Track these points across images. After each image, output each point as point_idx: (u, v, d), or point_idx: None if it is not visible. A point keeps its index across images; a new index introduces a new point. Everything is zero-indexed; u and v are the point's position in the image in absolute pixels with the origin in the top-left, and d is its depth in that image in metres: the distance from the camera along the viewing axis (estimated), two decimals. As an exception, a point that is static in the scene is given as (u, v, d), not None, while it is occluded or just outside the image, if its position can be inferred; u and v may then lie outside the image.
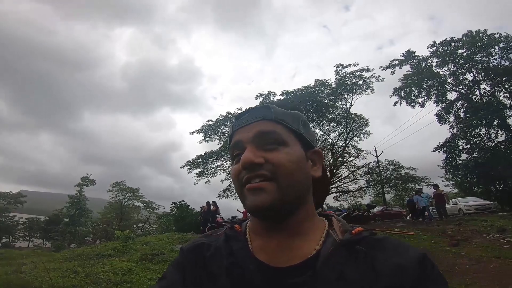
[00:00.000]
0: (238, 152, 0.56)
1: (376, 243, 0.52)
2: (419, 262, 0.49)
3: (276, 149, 0.53)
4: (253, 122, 0.57)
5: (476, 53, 18.08)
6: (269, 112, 0.57)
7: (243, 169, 0.53)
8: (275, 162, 0.52)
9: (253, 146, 0.54)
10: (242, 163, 0.52)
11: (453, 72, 18.89)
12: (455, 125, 19.13)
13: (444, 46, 19.05)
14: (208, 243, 0.59)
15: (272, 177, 0.51)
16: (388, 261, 0.49)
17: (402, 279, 0.47)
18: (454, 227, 10.04)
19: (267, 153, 0.53)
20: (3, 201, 36.17)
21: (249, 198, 0.52)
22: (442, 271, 2.36)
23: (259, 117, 0.57)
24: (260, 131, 0.55)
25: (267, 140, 0.54)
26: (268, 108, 0.58)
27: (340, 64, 18.45)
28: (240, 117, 0.59)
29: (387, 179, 20.59)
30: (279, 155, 0.53)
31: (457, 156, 18.74)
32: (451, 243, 7.50)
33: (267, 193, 0.50)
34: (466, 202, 15.47)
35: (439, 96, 19.35)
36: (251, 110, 0.59)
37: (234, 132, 0.59)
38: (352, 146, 20.84)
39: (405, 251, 0.50)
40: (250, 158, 0.51)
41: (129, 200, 38.53)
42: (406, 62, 19.51)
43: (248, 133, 0.56)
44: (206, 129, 19.99)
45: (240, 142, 0.56)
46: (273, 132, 0.55)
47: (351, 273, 0.47)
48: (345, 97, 18.76)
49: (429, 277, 0.48)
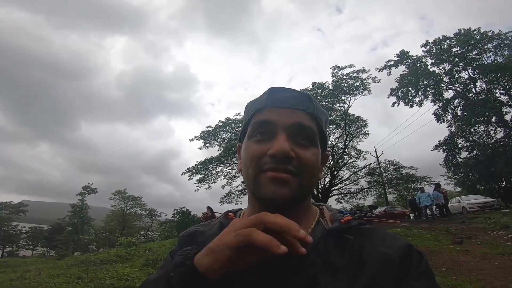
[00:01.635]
0: (263, 131, 0.53)
1: (364, 232, 0.52)
2: (405, 252, 0.49)
3: (307, 147, 0.52)
4: (294, 109, 0.53)
5: (470, 51, 18.20)
6: (311, 105, 0.55)
7: (272, 157, 0.50)
8: (304, 161, 0.51)
9: (286, 135, 0.51)
10: (276, 152, 0.49)
11: (448, 71, 18.99)
12: (453, 123, 19.20)
13: (437, 45, 19.19)
14: (203, 230, 0.60)
15: (298, 173, 0.50)
16: (374, 250, 0.49)
17: (387, 268, 0.47)
18: (458, 225, 10.01)
19: (299, 149, 0.51)
20: (5, 211, 36.15)
21: (270, 187, 0.50)
22: (446, 269, 2.42)
23: (302, 105, 0.54)
24: (300, 124, 0.53)
25: (302, 134, 0.53)
26: (311, 99, 0.55)
27: (337, 66, 18.54)
28: (278, 94, 0.55)
29: (389, 179, 20.49)
30: (309, 154, 0.52)
31: (457, 154, 18.77)
32: (455, 241, 7.47)
33: (290, 188, 0.50)
34: (469, 200, 15.39)
35: (436, 95, 19.45)
36: (292, 92, 0.55)
37: (266, 108, 0.55)
38: (352, 148, 20.83)
39: (392, 240, 0.51)
40: (287, 149, 0.49)
41: (131, 208, 38.49)
42: (401, 63, 19.65)
43: (286, 119, 0.52)
44: (206, 135, 20.02)
45: (272, 124, 0.53)
46: (311, 129, 0.53)
47: (337, 260, 0.48)
48: (343, 98, 18.80)
49: (416, 267, 0.48)
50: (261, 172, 0.51)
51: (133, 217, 38.96)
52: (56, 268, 6.97)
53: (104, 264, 7.35)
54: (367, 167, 20.54)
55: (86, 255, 10.96)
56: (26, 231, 38.67)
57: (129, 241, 10.09)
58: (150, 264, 7.15)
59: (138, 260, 7.75)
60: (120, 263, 7.54)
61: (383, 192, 22.12)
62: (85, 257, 8.62)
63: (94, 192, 32.64)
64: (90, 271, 5.99)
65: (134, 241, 10.70)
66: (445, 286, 4.28)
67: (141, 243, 14.64)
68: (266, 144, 0.52)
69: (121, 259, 8.12)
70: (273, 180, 0.49)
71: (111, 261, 7.83)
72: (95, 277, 5.61)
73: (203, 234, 0.59)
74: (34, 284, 5.04)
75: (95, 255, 9.52)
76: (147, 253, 8.91)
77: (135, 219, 39.28)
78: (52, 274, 5.66)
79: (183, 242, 0.60)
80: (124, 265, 7.18)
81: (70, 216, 32.49)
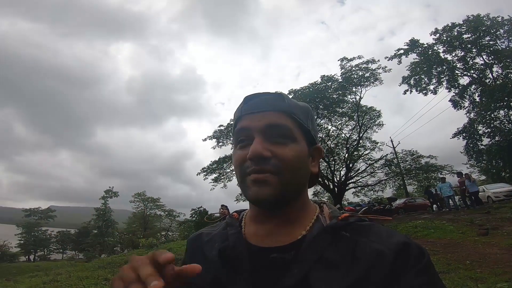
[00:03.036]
0: (243, 138, 0.55)
1: (361, 228, 0.52)
2: (400, 249, 0.48)
3: (284, 144, 0.53)
4: (264, 111, 0.55)
5: (482, 37, 17.69)
6: (282, 103, 0.56)
7: (250, 160, 0.52)
8: (282, 157, 0.52)
9: (261, 137, 0.53)
10: (250, 155, 0.51)
11: (461, 57, 18.45)
12: (472, 110, 18.53)
13: (447, 32, 18.65)
14: (208, 232, 0.64)
15: (277, 172, 0.51)
16: (369, 247, 0.49)
17: (380, 265, 0.47)
18: (483, 215, 9.60)
19: (275, 147, 0.53)
20: (34, 217, 38.15)
21: (252, 189, 0.52)
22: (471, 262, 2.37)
23: (272, 106, 0.55)
24: (271, 124, 0.54)
25: (277, 133, 0.54)
26: (282, 97, 0.57)
27: (345, 57, 18.11)
28: (250, 101, 0.57)
29: (407, 170, 19.91)
30: (287, 150, 0.53)
31: (478, 141, 18.00)
32: (480, 232, 7.18)
33: (270, 187, 0.51)
34: (494, 189, 14.66)
35: (451, 82, 18.82)
36: (263, 96, 0.57)
37: (242, 116, 0.57)
38: (366, 139, 20.38)
39: (388, 237, 0.50)
40: (259, 151, 0.51)
41: (151, 210, 39.69)
42: (412, 51, 19.16)
43: (258, 122, 0.54)
44: (218, 134, 20.22)
45: (248, 130, 0.55)
46: (284, 126, 0.54)
47: (331, 256, 0.49)
48: (354, 90, 18.41)
49: (414, 264, 0.47)
50: (245, 176, 0.53)
51: (154, 218, 40.13)
52: (84, 271, 7.33)
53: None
54: (383, 158, 20.06)
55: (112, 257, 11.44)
56: (55, 236, 40.64)
57: (150, 242, 10.45)
58: (171, 264, 7.37)
59: (160, 261, 8.01)
60: (143, 264, 7.83)
61: (402, 183, 21.55)
62: (111, 259, 9.00)
63: (116, 196, 33.92)
64: (116, 273, 6.26)
65: (155, 241, 11.05)
66: (470, 279, 4.15)
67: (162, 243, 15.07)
68: (246, 149, 0.53)
69: (144, 260, 8.43)
70: (254, 181, 0.52)
71: (135, 262, 8.15)
72: (120, 278, 5.86)
73: (208, 235, 0.63)
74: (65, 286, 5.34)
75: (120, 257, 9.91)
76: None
77: (155, 220, 40.43)
78: (81, 276, 5.97)
79: (190, 246, 0.65)
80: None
81: (95, 220, 33.95)
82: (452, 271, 4.65)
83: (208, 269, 0.53)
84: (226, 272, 0.52)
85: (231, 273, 0.51)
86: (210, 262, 0.55)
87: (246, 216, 0.62)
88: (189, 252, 0.64)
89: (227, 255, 0.54)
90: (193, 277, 0.40)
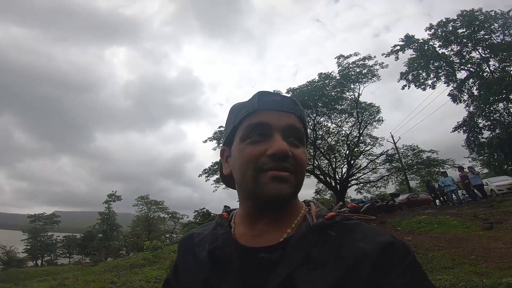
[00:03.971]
0: (260, 133, 0.55)
1: (347, 228, 0.53)
2: (384, 249, 0.48)
3: (298, 147, 0.56)
4: (285, 112, 0.57)
5: (477, 31, 17.83)
6: (298, 109, 0.58)
7: (273, 157, 0.52)
8: (299, 158, 0.54)
9: (281, 136, 0.54)
10: (276, 151, 0.52)
11: (457, 52, 18.58)
12: (471, 103, 18.56)
13: (442, 27, 18.79)
14: (199, 232, 0.65)
15: (294, 171, 0.53)
16: (353, 246, 0.49)
17: (363, 264, 0.47)
18: (486, 209, 9.54)
19: (292, 148, 0.54)
20: (39, 222, 38.39)
21: (271, 186, 0.52)
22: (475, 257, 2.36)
23: (290, 108, 0.57)
24: (292, 125, 0.56)
25: (294, 135, 0.56)
26: (297, 103, 0.59)
27: (341, 55, 18.24)
28: (266, 97, 0.58)
29: (409, 165, 19.86)
30: (300, 152, 0.55)
31: (479, 134, 17.99)
32: (484, 226, 7.14)
33: (289, 185, 0.52)
34: (497, 182, 14.57)
35: (449, 76, 18.89)
36: (283, 97, 0.59)
37: (258, 111, 0.56)
38: (367, 135, 20.37)
39: (372, 236, 0.50)
40: (286, 148, 0.52)
41: (154, 213, 39.71)
42: (408, 47, 19.32)
43: (280, 121, 0.55)
44: (218, 135, 20.22)
45: (267, 126, 0.55)
46: (300, 130, 0.57)
47: (316, 256, 0.49)
48: (352, 87, 18.49)
49: (398, 264, 0.47)
50: (261, 173, 0.52)
51: (158, 221, 40.18)
52: (91, 274, 7.40)
53: (133, 268, 7.71)
54: (384, 153, 20.03)
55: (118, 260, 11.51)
56: (61, 240, 40.88)
57: (155, 244, 10.49)
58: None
59: (164, 262, 8.06)
60: (148, 266, 7.89)
61: (405, 178, 21.49)
62: (117, 262, 9.07)
63: (119, 199, 34.05)
64: (122, 276, 6.33)
65: (159, 244, 11.10)
66: (475, 274, 4.13)
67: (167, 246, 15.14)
68: (263, 145, 0.53)
69: (149, 262, 8.49)
70: (275, 178, 0.52)
71: (140, 264, 8.20)
72: (126, 281, 5.91)
73: (200, 235, 0.64)
74: (73, 291, 5.38)
75: (125, 260, 9.98)
76: (172, 255, 9.22)
77: (159, 222, 40.48)
78: (88, 280, 6.02)
79: (182, 246, 0.66)
80: (152, 268, 7.50)
81: (100, 224, 34.09)
82: (457, 267, 4.63)
83: (199, 270, 0.56)
84: (216, 272, 0.53)
85: (220, 273, 0.53)
86: (201, 262, 0.57)
87: (236, 216, 0.63)
88: (181, 252, 0.66)
89: (216, 256, 0.55)
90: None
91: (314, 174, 20.03)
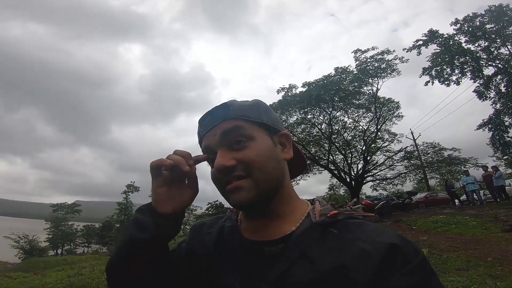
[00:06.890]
0: (211, 156, 0.58)
1: (349, 226, 0.53)
2: (386, 250, 0.47)
3: (244, 147, 0.55)
4: (216, 125, 0.57)
5: (506, 27, 16.74)
6: (228, 111, 0.58)
7: (219, 174, 0.55)
8: (245, 161, 0.54)
9: (223, 149, 0.55)
10: (215, 169, 0.54)
11: (485, 48, 17.52)
12: (498, 101, 17.52)
13: (468, 22, 17.76)
14: (210, 223, 0.68)
15: (246, 175, 0.54)
16: (354, 245, 0.49)
17: (364, 265, 0.46)
18: (508, 211, 9.11)
19: (237, 154, 0.54)
20: (61, 211, 40.20)
21: (231, 197, 0.55)
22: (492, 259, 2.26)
23: (220, 118, 0.57)
24: (225, 132, 0.56)
25: (233, 138, 0.55)
26: (226, 106, 0.59)
27: (358, 49, 17.70)
28: (203, 122, 0.61)
29: (428, 162, 19.15)
30: (248, 152, 0.54)
31: (505, 132, 17.02)
32: (504, 228, 6.86)
33: (245, 191, 0.53)
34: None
35: (475, 72, 17.88)
36: (211, 112, 0.60)
37: (202, 137, 0.60)
38: (385, 131, 19.77)
39: (375, 236, 0.50)
40: (222, 163, 0.53)
41: (170, 204, 40.54)
42: (432, 42, 18.42)
43: (214, 137, 0.57)
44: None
45: (209, 147, 0.58)
46: (236, 129, 0.56)
47: (314, 253, 0.50)
48: (370, 82, 17.95)
49: (400, 267, 0.46)
50: (224, 188, 0.56)
51: (172, 213, 41.04)
52: (107, 263, 7.71)
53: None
54: (403, 150, 19.40)
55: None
56: (81, 230, 42.68)
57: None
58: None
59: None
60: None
61: (424, 176, 20.77)
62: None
63: (137, 190, 35.09)
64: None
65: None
66: (489, 277, 3.99)
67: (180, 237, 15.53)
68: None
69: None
70: (230, 191, 0.55)
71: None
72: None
73: (209, 225, 0.67)
74: (89, 280, 5.63)
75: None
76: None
77: (174, 214, 41.36)
78: (104, 270, 6.28)
79: (192, 231, 0.69)
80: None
81: (118, 214, 35.32)
82: (472, 269, 4.48)
83: (203, 258, 0.60)
84: (219, 262, 0.57)
85: (223, 263, 0.56)
86: (206, 251, 0.60)
87: (241, 212, 0.66)
88: (192, 234, 0.68)
89: (221, 247, 0.59)
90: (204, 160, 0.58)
91: (328, 169, 19.77)
